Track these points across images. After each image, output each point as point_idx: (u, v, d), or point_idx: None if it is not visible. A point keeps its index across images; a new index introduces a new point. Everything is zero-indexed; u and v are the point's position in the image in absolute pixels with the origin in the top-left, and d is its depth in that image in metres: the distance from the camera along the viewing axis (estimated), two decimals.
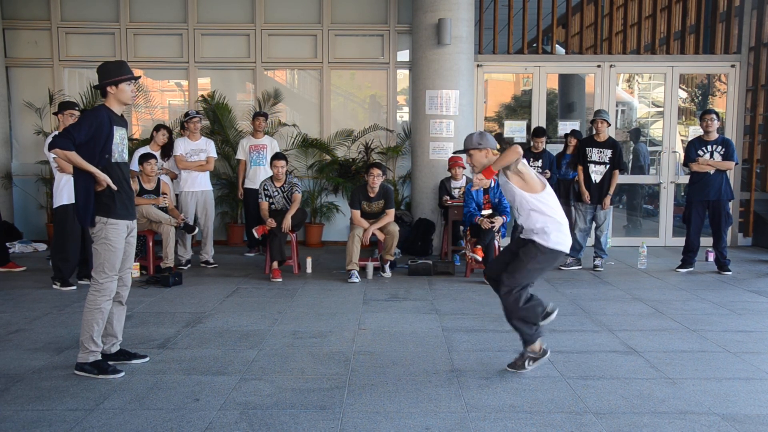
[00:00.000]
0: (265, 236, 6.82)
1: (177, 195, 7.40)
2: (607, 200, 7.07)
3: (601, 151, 7.05)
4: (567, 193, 7.58)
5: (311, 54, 9.19)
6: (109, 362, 3.81)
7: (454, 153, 5.28)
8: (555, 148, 8.43)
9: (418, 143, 8.35)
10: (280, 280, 6.52)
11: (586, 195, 7.09)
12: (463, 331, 4.72)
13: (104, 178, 3.70)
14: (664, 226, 9.11)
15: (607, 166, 7.04)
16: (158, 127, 7.39)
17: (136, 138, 8.94)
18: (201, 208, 7.39)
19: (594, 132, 7.18)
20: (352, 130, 9.10)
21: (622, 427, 3.09)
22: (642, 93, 11.31)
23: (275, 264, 6.63)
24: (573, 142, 7.75)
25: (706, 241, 7.60)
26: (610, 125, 7.27)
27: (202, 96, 8.98)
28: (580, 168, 7.18)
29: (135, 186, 6.66)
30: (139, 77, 4.08)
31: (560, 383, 3.66)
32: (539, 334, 3.83)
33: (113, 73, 3.77)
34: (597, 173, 7.06)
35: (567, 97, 10.19)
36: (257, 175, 7.78)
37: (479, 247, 6.48)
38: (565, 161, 7.76)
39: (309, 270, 7.00)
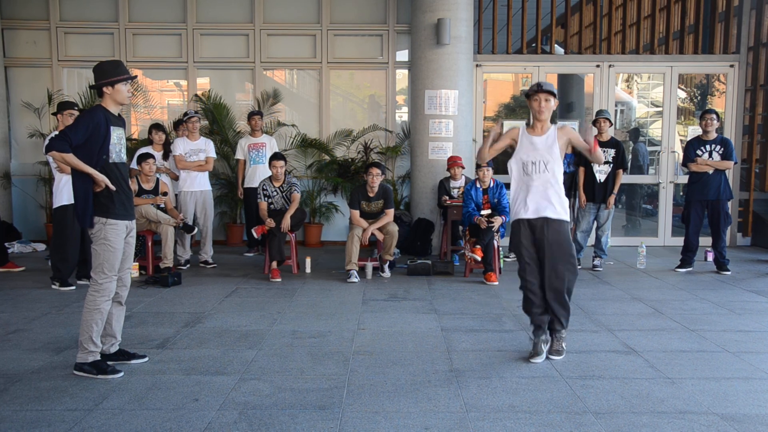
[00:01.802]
0: (264, 236, 6.81)
1: (176, 195, 7.40)
2: (611, 200, 7.07)
3: (604, 151, 7.05)
4: (571, 186, 7.57)
5: (310, 54, 9.19)
6: (108, 362, 3.81)
7: (530, 89, 4.20)
8: None
9: (417, 143, 8.35)
10: (280, 280, 6.52)
11: (584, 200, 7.11)
12: (463, 331, 4.72)
13: (102, 179, 3.70)
14: (663, 225, 9.11)
15: (611, 166, 7.05)
16: (151, 128, 7.41)
17: (134, 138, 8.94)
18: (200, 208, 7.38)
19: (597, 131, 7.18)
20: (351, 130, 9.10)
21: (621, 427, 3.09)
22: (641, 93, 11.32)
23: (274, 264, 6.63)
24: None
25: (706, 240, 7.61)
26: (612, 124, 7.28)
27: (196, 95, 8.97)
28: (581, 169, 7.18)
29: (134, 186, 6.66)
30: (136, 77, 4.07)
31: (559, 383, 3.66)
32: None
33: (109, 73, 3.76)
34: (601, 173, 7.07)
35: (566, 97, 10.19)
36: (256, 174, 7.78)
37: (478, 247, 6.49)
38: (566, 161, 7.72)
39: (308, 270, 7.00)
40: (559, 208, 3.99)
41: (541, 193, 3.99)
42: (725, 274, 6.93)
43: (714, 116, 6.91)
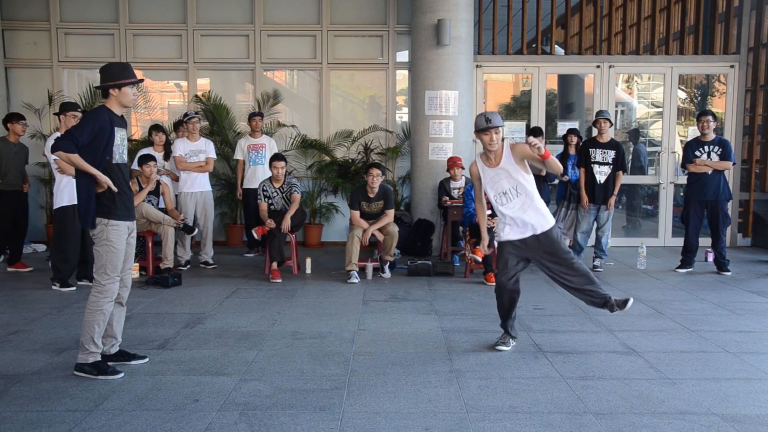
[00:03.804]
0: (265, 237, 6.82)
1: (176, 196, 7.40)
2: (612, 201, 7.07)
3: (604, 152, 7.06)
4: (578, 197, 7.46)
5: (310, 54, 9.19)
6: (109, 363, 3.81)
7: (480, 126, 4.13)
8: (554, 149, 8.42)
9: (417, 144, 8.35)
10: (280, 280, 6.52)
11: (585, 200, 7.10)
12: (463, 332, 4.72)
13: (105, 180, 3.70)
14: (663, 226, 9.11)
15: (611, 167, 7.05)
16: (151, 130, 7.43)
17: (135, 139, 8.94)
18: (200, 208, 7.39)
19: (597, 132, 7.18)
20: (352, 130, 9.10)
21: (621, 428, 3.09)
22: (641, 93, 11.32)
23: (275, 264, 6.63)
24: (574, 140, 7.73)
25: (706, 241, 7.60)
26: (612, 125, 7.28)
27: (196, 96, 8.98)
28: (582, 170, 7.17)
29: (135, 187, 6.66)
30: (143, 80, 4.08)
31: (560, 383, 3.67)
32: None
33: (117, 75, 3.77)
34: (601, 174, 7.06)
35: (566, 97, 10.20)
36: (256, 175, 7.78)
37: (479, 247, 6.47)
38: (570, 161, 7.66)
39: (308, 271, 7.00)
40: (542, 220, 4.15)
41: (522, 216, 4.13)
42: (725, 275, 6.93)
43: (710, 118, 6.91)
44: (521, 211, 4.12)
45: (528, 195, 4.13)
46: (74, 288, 6.06)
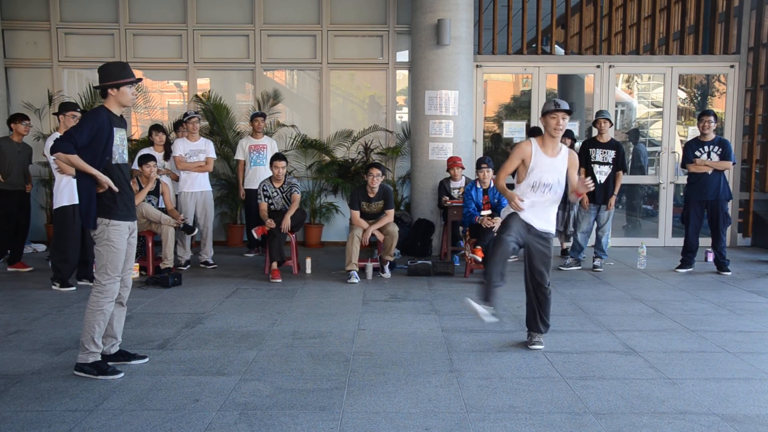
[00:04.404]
0: (265, 237, 6.82)
1: (176, 196, 7.40)
2: (612, 201, 7.08)
3: (605, 152, 7.06)
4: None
5: (310, 54, 9.19)
6: (109, 363, 3.81)
7: (547, 108, 4.15)
8: None
9: (417, 144, 8.35)
10: (280, 280, 6.52)
11: (586, 201, 7.10)
12: (463, 332, 4.72)
13: (105, 180, 3.71)
14: (663, 226, 9.11)
15: (611, 167, 7.05)
16: (151, 130, 7.44)
17: (135, 139, 8.94)
18: (200, 208, 7.39)
19: (597, 132, 7.18)
20: (352, 130, 9.10)
21: (621, 428, 3.09)
22: (641, 93, 11.31)
23: (275, 264, 6.63)
24: (568, 142, 7.73)
25: (706, 241, 7.60)
26: (612, 125, 7.28)
27: (196, 96, 8.98)
28: (582, 170, 7.17)
29: (135, 187, 6.66)
30: (141, 80, 4.09)
31: (560, 384, 3.67)
32: None
33: (115, 75, 3.77)
34: (602, 174, 7.07)
35: (566, 97, 10.17)
36: (257, 175, 7.78)
37: (479, 247, 6.49)
38: None
39: (308, 270, 7.00)
40: (552, 225, 4.29)
41: (547, 212, 4.24)
42: (725, 275, 6.93)
43: (712, 118, 6.91)
44: (548, 206, 4.22)
45: (558, 197, 4.25)
46: (74, 288, 6.06)
